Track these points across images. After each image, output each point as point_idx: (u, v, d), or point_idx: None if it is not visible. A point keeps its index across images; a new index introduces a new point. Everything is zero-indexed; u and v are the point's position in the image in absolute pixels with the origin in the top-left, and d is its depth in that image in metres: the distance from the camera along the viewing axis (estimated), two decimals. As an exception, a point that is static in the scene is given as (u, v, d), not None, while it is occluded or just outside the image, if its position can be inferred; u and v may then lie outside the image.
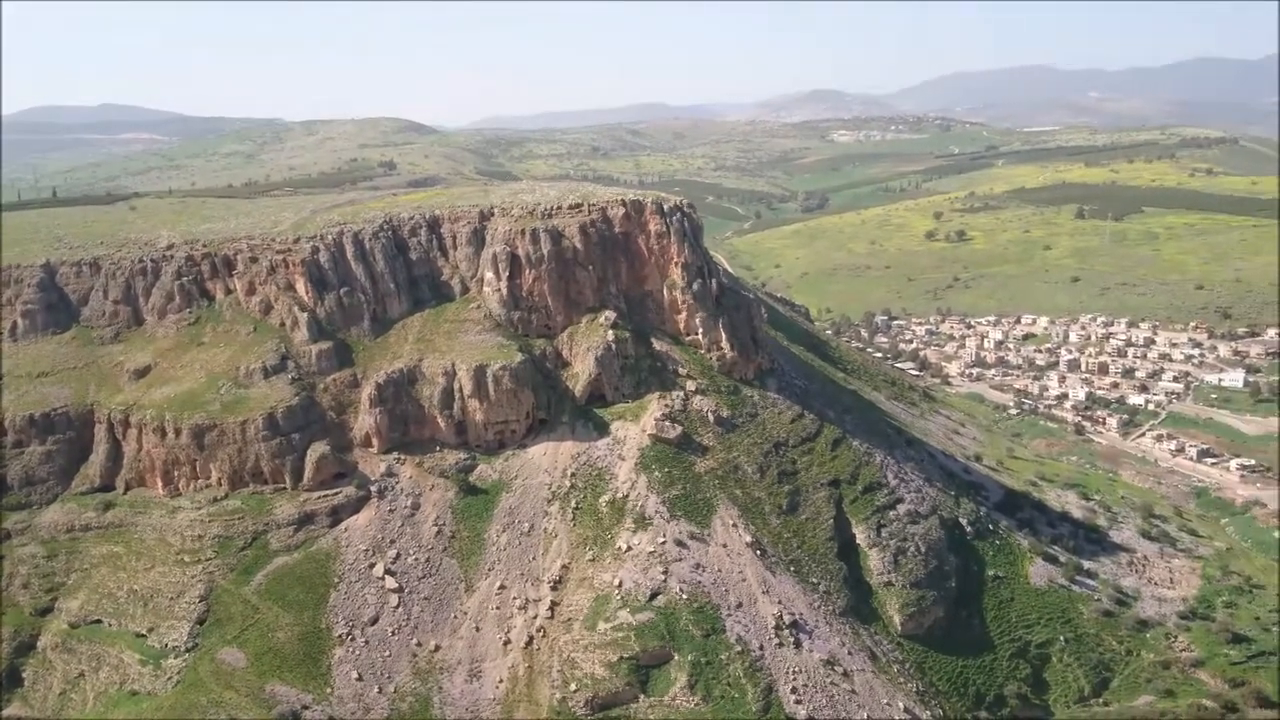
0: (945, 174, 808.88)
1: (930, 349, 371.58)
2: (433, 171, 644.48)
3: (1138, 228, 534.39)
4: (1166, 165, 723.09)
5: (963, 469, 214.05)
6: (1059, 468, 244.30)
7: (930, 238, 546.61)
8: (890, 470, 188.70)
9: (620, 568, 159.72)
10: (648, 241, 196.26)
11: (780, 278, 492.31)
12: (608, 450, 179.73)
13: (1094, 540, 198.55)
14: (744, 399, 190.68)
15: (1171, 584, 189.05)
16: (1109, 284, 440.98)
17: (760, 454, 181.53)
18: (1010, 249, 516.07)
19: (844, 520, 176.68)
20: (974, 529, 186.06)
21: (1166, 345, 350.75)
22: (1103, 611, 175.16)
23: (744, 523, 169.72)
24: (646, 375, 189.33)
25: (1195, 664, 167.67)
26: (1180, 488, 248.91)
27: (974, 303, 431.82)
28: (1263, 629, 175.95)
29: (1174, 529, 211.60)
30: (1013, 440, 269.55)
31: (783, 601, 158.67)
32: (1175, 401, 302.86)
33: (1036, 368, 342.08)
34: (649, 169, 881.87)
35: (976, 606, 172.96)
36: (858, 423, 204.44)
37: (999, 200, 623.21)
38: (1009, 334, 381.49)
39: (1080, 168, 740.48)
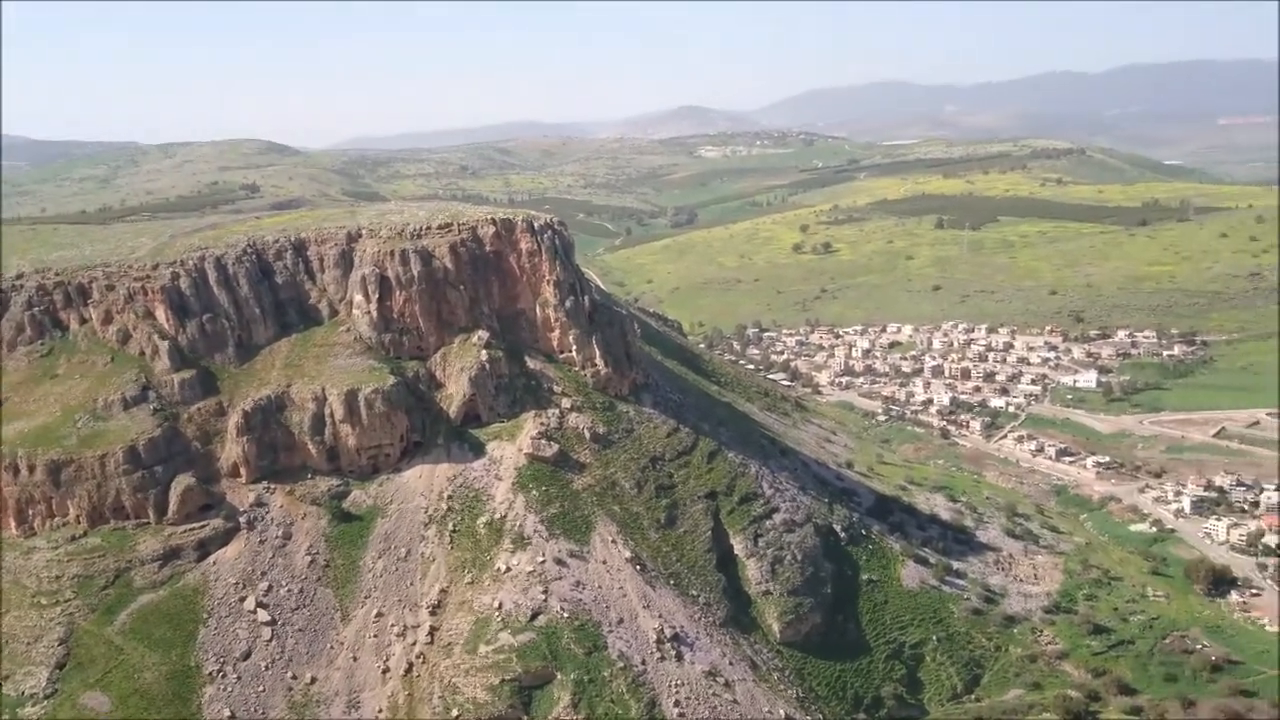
0: (810, 188, 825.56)
1: (801, 359, 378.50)
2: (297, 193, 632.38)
3: (994, 236, 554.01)
4: (1019, 176, 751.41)
5: (835, 476, 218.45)
6: (927, 471, 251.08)
7: (798, 250, 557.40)
8: (765, 480, 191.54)
9: (500, 589, 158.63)
10: (519, 260, 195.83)
11: (652, 293, 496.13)
12: (484, 471, 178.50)
13: (962, 541, 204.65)
14: (620, 415, 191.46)
15: (1036, 580, 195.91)
16: (969, 291, 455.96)
17: (637, 469, 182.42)
18: (874, 259, 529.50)
19: (722, 531, 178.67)
20: (847, 535, 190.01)
21: (1024, 349, 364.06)
22: (972, 610, 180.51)
23: (623, 538, 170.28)
24: (521, 394, 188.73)
25: (1060, 656, 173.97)
26: (1041, 486, 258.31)
27: (841, 313, 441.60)
28: (1121, 619, 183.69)
29: (1036, 526, 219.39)
30: (882, 446, 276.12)
31: (663, 615, 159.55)
32: (1034, 403, 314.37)
33: (903, 375, 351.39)
34: (519, 187, 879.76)
35: (852, 611, 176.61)
36: (733, 434, 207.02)
37: (862, 212, 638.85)
38: (876, 342, 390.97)
39: (938, 179, 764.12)
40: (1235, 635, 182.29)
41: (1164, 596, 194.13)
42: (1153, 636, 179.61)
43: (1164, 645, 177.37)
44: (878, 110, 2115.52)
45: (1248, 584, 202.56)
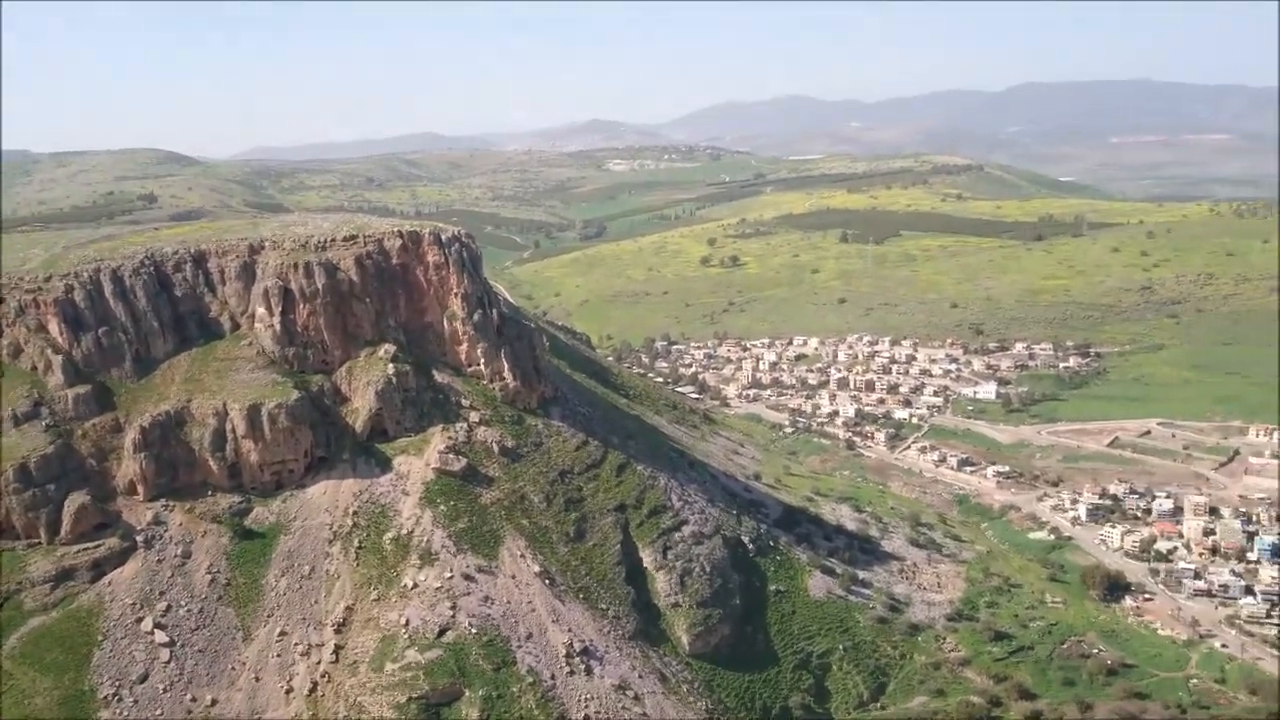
0: (718, 201, 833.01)
1: (709, 372, 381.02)
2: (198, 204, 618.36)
3: (897, 250, 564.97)
4: (921, 191, 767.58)
5: (743, 488, 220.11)
6: (833, 482, 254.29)
7: (705, 263, 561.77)
8: (674, 493, 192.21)
9: (407, 605, 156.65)
10: (426, 273, 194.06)
11: (561, 306, 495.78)
12: (391, 486, 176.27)
13: (868, 550, 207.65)
14: (528, 428, 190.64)
15: (939, 588, 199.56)
16: (873, 304, 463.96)
17: (546, 483, 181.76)
18: (781, 273, 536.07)
19: (631, 544, 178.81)
20: (756, 546, 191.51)
21: (926, 361, 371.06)
22: (878, 619, 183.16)
23: (532, 552, 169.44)
24: (429, 408, 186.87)
25: (963, 663, 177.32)
26: (944, 496, 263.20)
27: (749, 325, 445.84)
28: (1021, 625, 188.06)
29: (940, 536, 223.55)
30: (789, 458, 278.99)
31: (573, 629, 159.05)
32: (936, 414, 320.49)
33: (809, 387, 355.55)
34: (426, 199, 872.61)
35: (761, 622, 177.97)
36: (642, 447, 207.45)
37: (769, 226, 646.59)
38: (783, 355, 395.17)
39: (843, 194, 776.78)
40: (1129, 639, 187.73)
41: (1062, 602, 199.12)
42: (1051, 642, 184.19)
43: (1062, 650, 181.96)
44: (784, 125, 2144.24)
45: (1141, 589, 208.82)
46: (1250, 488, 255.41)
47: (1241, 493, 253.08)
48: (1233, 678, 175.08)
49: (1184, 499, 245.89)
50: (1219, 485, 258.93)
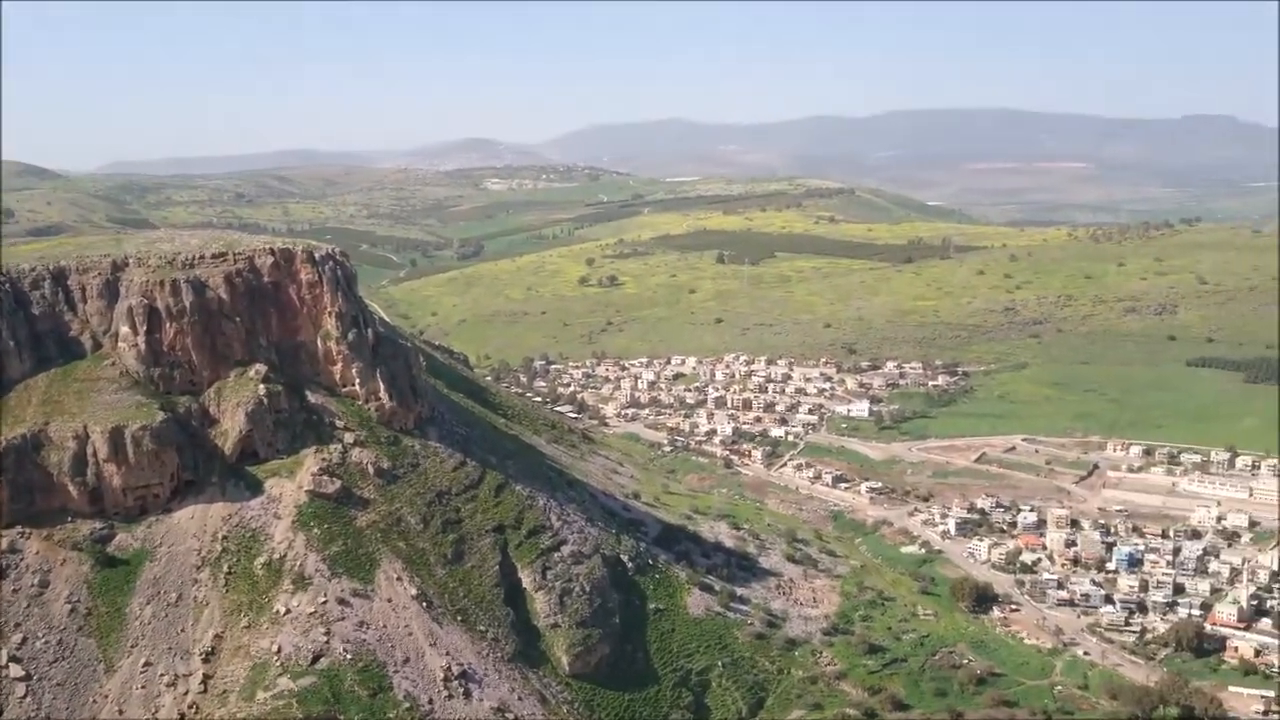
0: (596, 221, 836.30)
1: (588, 391, 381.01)
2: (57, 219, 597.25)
3: (772, 271, 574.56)
4: (794, 214, 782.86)
5: (622, 507, 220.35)
6: (711, 500, 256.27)
7: (584, 283, 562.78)
8: (553, 513, 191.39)
9: (279, 632, 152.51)
10: (299, 291, 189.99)
11: (438, 325, 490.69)
12: (262, 510, 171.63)
13: (745, 567, 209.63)
14: (405, 449, 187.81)
15: (815, 603, 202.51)
16: (749, 324, 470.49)
17: (423, 504, 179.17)
18: (659, 293, 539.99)
19: (510, 565, 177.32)
20: (635, 565, 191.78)
21: (802, 380, 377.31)
22: (756, 634, 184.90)
23: (409, 575, 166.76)
24: (302, 429, 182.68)
25: (839, 676, 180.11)
26: (819, 512, 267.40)
27: (627, 345, 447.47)
28: (895, 638, 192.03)
29: (815, 551, 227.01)
30: (668, 476, 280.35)
31: (451, 652, 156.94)
32: (811, 432, 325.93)
33: (687, 406, 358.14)
34: (299, 217, 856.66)
35: (640, 640, 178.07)
36: (520, 467, 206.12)
37: (646, 247, 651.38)
38: (661, 374, 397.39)
39: (719, 215, 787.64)
40: (997, 649, 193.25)
41: (933, 614, 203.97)
42: (923, 653, 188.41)
43: (934, 661, 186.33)
44: (660, 147, 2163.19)
45: (1007, 600, 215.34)
46: (1108, 500, 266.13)
47: (1100, 505, 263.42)
48: (1094, 684, 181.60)
49: (1047, 512, 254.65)
50: (1079, 498, 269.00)
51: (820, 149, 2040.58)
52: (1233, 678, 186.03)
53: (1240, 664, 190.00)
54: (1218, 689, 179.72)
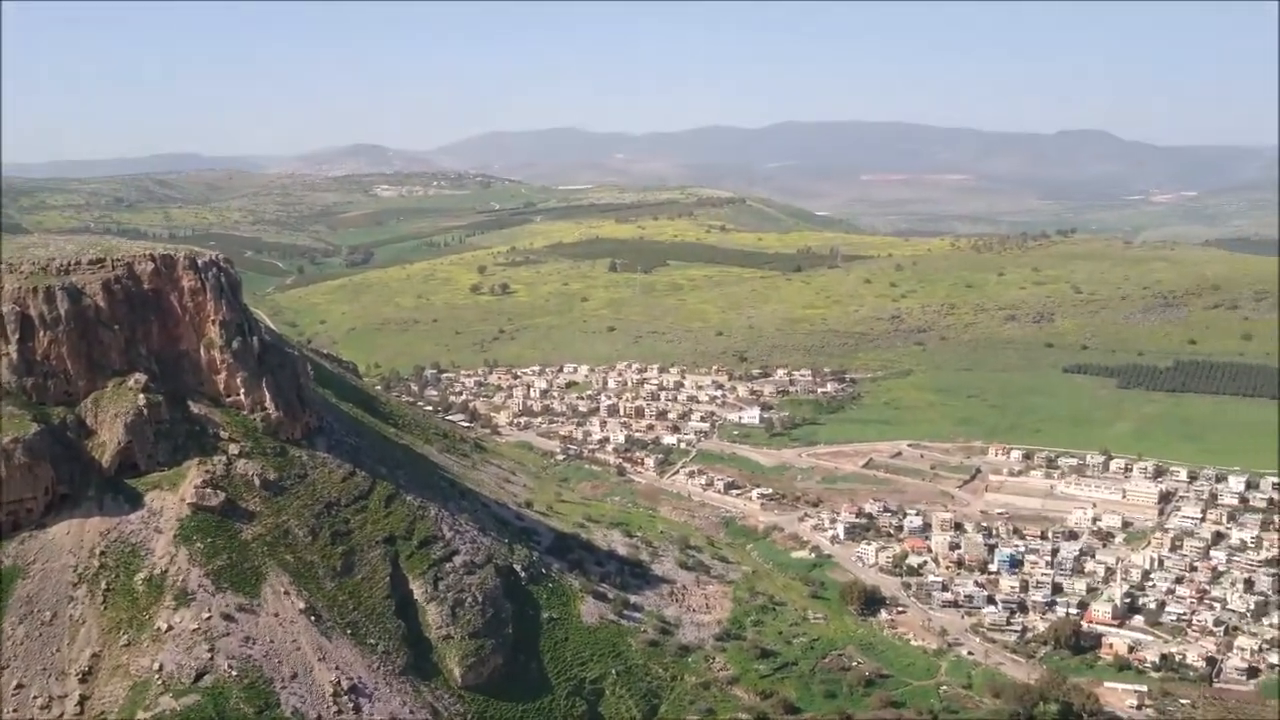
0: (488, 229, 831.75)
1: (480, 400, 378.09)
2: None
3: (664, 280, 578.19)
4: (686, 222, 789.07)
5: (515, 516, 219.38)
6: (604, 508, 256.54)
7: (476, 291, 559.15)
8: (445, 523, 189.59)
9: (160, 650, 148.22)
10: (181, 299, 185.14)
11: (326, 334, 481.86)
12: (142, 524, 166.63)
13: (639, 575, 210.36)
14: (292, 460, 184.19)
15: (708, 609, 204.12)
16: (641, 332, 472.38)
17: (311, 516, 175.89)
18: (551, 301, 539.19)
19: (401, 577, 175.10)
20: (528, 574, 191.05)
21: (694, 388, 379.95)
22: (649, 641, 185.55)
23: (296, 589, 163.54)
24: (184, 441, 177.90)
25: (731, 681, 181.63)
26: (711, 519, 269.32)
27: (520, 353, 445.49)
28: (786, 642, 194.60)
29: (708, 558, 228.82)
30: (561, 485, 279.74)
31: (340, 667, 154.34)
32: (703, 439, 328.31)
33: (580, 414, 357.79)
34: (181, 222, 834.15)
35: (534, 650, 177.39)
36: (411, 477, 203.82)
37: (539, 255, 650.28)
38: (553, 383, 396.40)
39: (611, 224, 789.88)
40: (885, 651, 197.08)
41: (823, 618, 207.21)
42: (814, 657, 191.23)
43: (824, 664, 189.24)
44: (553, 156, 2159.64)
45: (895, 602, 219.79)
46: (990, 504, 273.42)
47: (983, 508, 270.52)
48: (978, 683, 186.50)
49: (932, 516, 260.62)
50: (963, 502, 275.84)
51: (713, 158, 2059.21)
52: (1108, 674, 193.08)
53: (1115, 660, 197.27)
54: (1094, 685, 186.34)
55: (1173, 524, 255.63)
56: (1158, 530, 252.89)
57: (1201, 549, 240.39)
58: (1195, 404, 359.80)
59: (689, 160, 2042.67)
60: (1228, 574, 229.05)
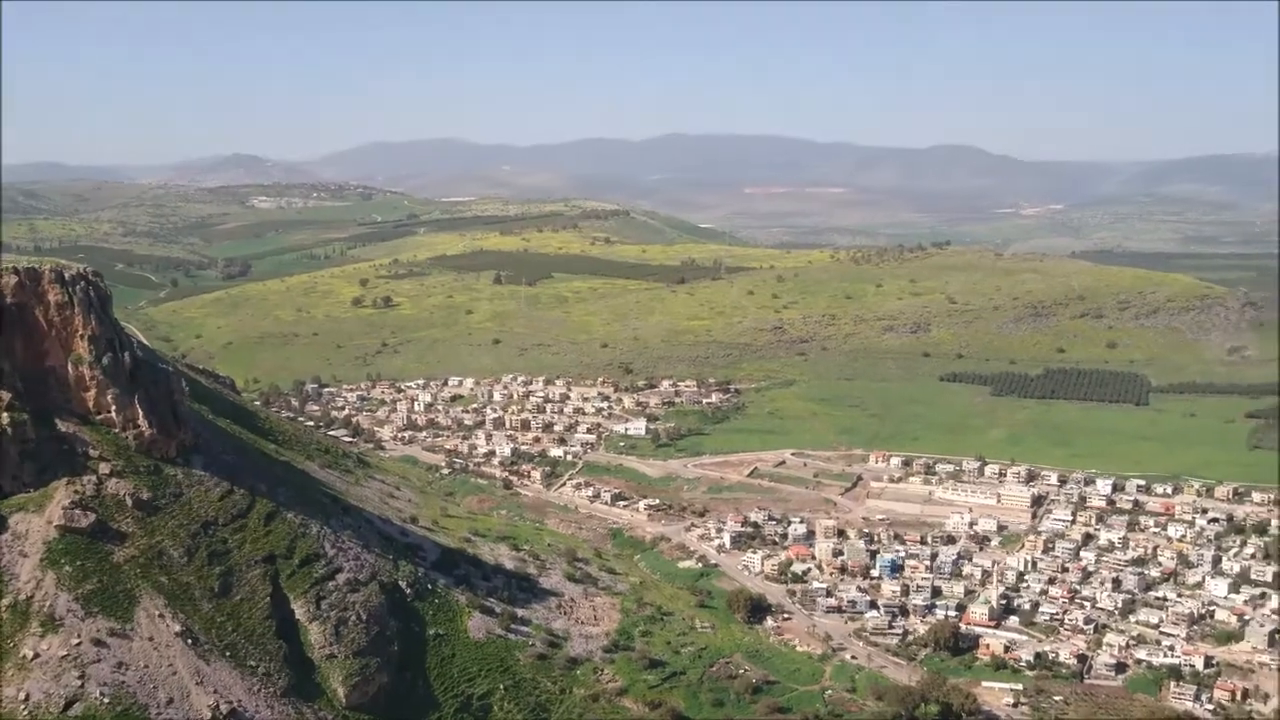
0: (370, 241, 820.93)
1: (363, 415, 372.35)
2: None
3: (549, 292, 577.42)
4: (571, 235, 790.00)
5: (400, 532, 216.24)
6: (491, 522, 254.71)
7: (358, 304, 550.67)
8: (328, 540, 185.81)
9: (26, 679, 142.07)
10: (47, 313, 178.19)
11: (202, 348, 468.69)
12: (6, 548, 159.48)
13: (526, 588, 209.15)
14: (167, 479, 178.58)
15: (596, 621, 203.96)
16: (527, 345, 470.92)
17: (187, 536, 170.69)
18: (435, 314, 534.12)
19: (282, 596, 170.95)
20: (414, 590, 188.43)
21: (579, 400, 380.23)
22: (537, 655, 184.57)
23: (172, 612, 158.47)
24: (52, 460, 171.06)
25: (620, 692, 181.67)
26: (599, 530, 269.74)
27: (403, 367, 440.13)
28: (674, 652, 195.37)
29: (595, 570, 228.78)
30: (447, 499, 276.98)
31: (219, 690, 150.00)
32: (590, 451, 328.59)
33: (465, 427, 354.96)
34: (47, 234, 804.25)
35: (420, 667, 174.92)
36: (292, 495, 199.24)
37: (422, 267, 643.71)
38: (438, 396, 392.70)
39: (496, 236, 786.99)
40: (771, 657, 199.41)
41: (710, 627, 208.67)
42: (701, 665, 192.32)
43: (711, 673, 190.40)
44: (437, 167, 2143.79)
45: (780, 609, 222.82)
46: (872, 510, 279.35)
47: (864, 515, 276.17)
48: (861, 686, 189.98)
49: (815, 523, 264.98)
50: (845, 509, 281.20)
51: (597, 171, 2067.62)
52: (985, 673, 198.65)
53: (992, 660, 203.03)
54: (972, 685, 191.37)
55: (1045, 527, 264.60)
56: (1031, 533, 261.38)
57: (1072, 550, 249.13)
58: (1064, 410, 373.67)
59: (573, 172, 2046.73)
60: (1097, 574, 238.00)
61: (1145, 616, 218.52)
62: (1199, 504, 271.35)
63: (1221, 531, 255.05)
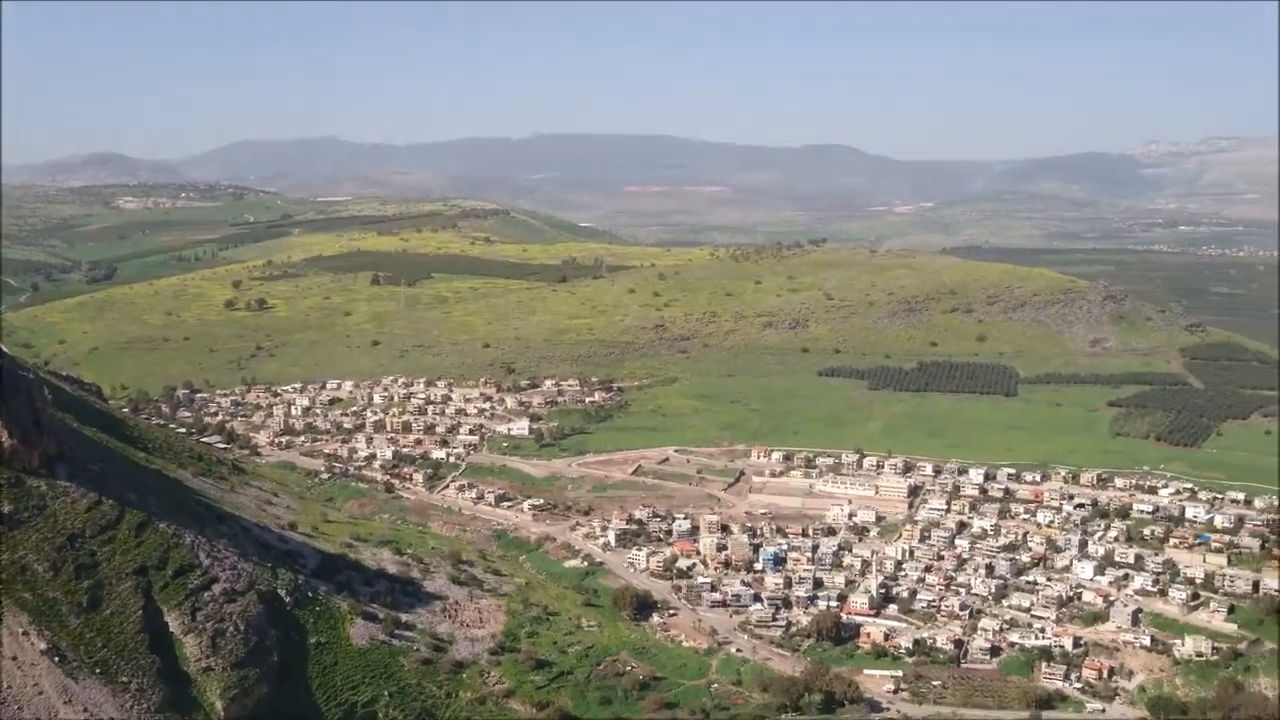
0: (242, 242, 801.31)
1: (238, 420, 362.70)
2: None
3: (429, 293, 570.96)
4: (450, 234, 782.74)
5: (278, 539, 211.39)
6: (373, 527, 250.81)
7: (230, 307, 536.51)
8: (202, 550, 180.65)
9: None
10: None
11: (66, 355, 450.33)
12: None
13: (410, 593, 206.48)
14: (29, 491, 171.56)
15: (481, 623, 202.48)
16: (407, 346, 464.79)
17: (52, 550, 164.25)
18: (312, 316, 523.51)
19: (155, 609, 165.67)
20: (293, 598, 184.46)
21: (462, 401, 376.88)
22: (422, 660, 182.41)
23: (37, 629, 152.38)
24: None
25: (507, 695, 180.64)
26: (483, 532, 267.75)
27: (280, 370, 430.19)
28: (561, 652, 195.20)
29: (480, 572, 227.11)
30: (326, 505, 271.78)
31: (89, 708, 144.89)
32: (473, 453, 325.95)
33: (345, 431, 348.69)
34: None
35: (302, 676, 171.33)
36: (164, 504, 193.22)
37: (298, 268, 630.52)
38: (316, 400, 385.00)
39: (373, 236, 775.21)
40: (658, 654, 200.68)
41: (597, 626, 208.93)
42: (589, 664, 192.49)
43: (599, 671, 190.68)
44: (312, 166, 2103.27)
45: (666, 605, 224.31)
46: (754, 504, 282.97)
47: (747, 509, 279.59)
48: (747, 678, 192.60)
49: (699, 519, 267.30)
50: (728, 504, 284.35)
51: (476, 170, 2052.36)
52: (867, 661, 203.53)
53: (873, 648, 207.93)
54: (854, 673, 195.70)
55: (921, 516, 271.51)
56: (908, 523, 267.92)
57: (947, 538, 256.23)
58: (938, 402, 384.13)
59: (453, 172, 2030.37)
60: (971, 560, 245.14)
61: (1017, 600, 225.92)
62: (1066, 490, 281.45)
63: (1087, 516, 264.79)
